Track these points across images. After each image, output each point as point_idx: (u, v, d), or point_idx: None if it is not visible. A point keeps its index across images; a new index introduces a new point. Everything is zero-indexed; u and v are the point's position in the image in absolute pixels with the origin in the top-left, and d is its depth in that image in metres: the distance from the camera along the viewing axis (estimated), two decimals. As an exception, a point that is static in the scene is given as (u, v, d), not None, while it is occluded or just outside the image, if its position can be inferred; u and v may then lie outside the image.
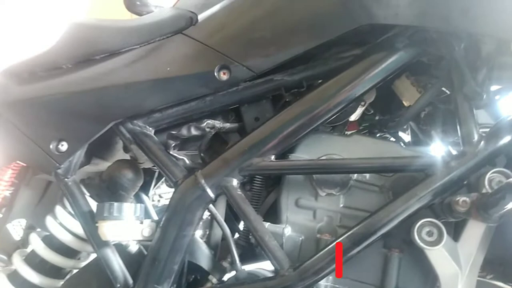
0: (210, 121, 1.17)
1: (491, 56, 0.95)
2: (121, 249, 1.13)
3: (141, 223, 1.14)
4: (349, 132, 1.32)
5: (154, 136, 1.19)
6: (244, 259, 1.15)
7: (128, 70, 1.19)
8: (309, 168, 1.07)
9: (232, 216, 1.32)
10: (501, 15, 0.86)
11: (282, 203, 1.11)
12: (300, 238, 1.07)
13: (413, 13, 0.93)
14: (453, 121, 1.27)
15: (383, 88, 1.21)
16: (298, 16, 1.07)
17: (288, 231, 1.07)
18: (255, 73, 1.09)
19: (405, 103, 1.24)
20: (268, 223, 1.08)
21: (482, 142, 0.93)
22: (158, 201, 2.30)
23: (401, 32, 1.02)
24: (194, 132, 1.18)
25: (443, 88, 1.19)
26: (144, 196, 1.53)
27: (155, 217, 1.49)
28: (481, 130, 0.97)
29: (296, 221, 1.09)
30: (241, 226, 1.32)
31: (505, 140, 0.93)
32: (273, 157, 1.07)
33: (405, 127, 1.53)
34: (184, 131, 1.18)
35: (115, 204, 1.10)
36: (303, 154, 1.12)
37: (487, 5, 0.87)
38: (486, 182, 0.91)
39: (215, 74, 1.09)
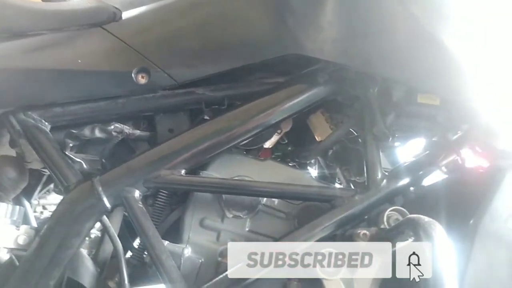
0: (118, 125, 1.08)
1: (400, 103, 1.03)
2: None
3: (18, 228, 0.98)
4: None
5: (49, 133, 1.05)
6: (134, 281, 1.04)
7: (31, 55, 1.06)
8: (220, 187, 1.02)
9: (127, 231, 1.21)
10: (412, 65, 0.94)
11: (185, 222, 1.05)
12: (200, 260, 1.01)
13: (337, 51, 0.98)
14: (357, 161, 1.36)
15: (299, 121, 1.24)
16: (229, 35, 1.06)
17: (188, 251, 1.00)
18: (176, 82, 1.04)
19: (317, 138, 1.28)
20: (167, 242, 1.00)
21: (385, 181, 0.99)
22: (41, 212, 2.03)
23: (323, 68, 1.06)
24: (98, 134, 1.07)
25: (352, 130, 1.26)
26: (25, 202, 1.33)
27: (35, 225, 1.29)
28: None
29: (198, 241, 1.03)
30: (135, 244, 1.21)
31: (404, 181, 1.00)
32: (183, 171, 1.01)
33: (313, 161, 1.59)
34: (86, 132, 1.06)
35: (-14, 202, 0.94)
36: (215, 172, 1.08)
37: (402, 55, 0.95)
38: (384, 219, 0.96)
39: (133, 76, 1.01)
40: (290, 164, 1.25)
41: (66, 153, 1.06)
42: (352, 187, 1.24)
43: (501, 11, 0.93)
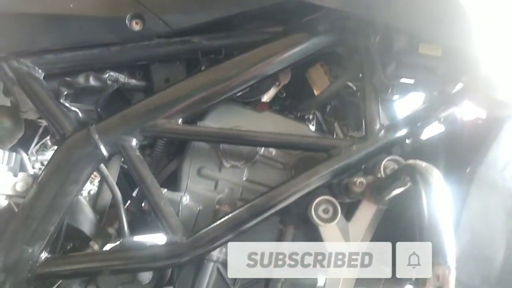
0: (113, 74, 1.05)
1: (401, 53, 1.00)
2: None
3: (15, 175, 0.98)
4: (260, 112, 1.31)
5: (43, 81, 1.03)
6: (134, 229, 1.06)
7: (23, 0, 1.02)
8: (217, 136, 1.02)
9: (126, 181, 1.22)
10: (417, 12, 0.91)
11: (183, 171, 1.05)
12: (198, 208, 1.02)
13: (339, -4, 0.95)
14: (356, 116, 1.35)
15: (298, 74, 1.22)
16: (225, -21, 1.02)
17: (186, 199, 1.01)
18: (172, 29, 1.01)
19: (316, 92, 1.26)
20: (166, 190, 1.00)
21: (383, 131, 0.98)
22: (40, 169, 2.03)
23: (324, 16, 1.03)
24: (92, 82, 1.05)
25: (351, 84, 1.24)
26: (23, 154, 1.32)
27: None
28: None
29: (196, 190, 1.04)
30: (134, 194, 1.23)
31: (402, 132, 1.00)
32: (180, 121, 1.01)
33: (311, 117, 1.58)
34: (80, 80, 1.04)
35: (-17, 149, 0.93)
36: (212, 123, 1.07)
37: (406, 1, 0.92)
38: (381, 168, 0.96)
39: (127, 22, 0.98)
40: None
41: (61, 101, 1.04)
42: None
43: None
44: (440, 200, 0.69)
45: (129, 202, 1.15)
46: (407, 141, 1.10)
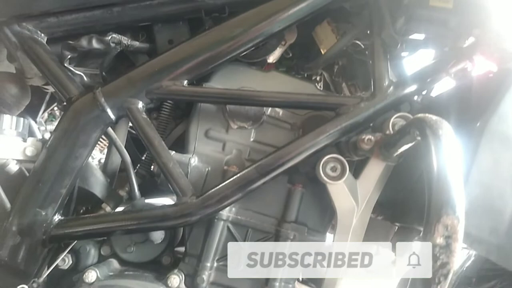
0: (116, 36, 1.03)
1: (411, 6, 0.97)
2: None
3: (24, 141, 0.99)
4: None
5: (46, 45, 1.02)
6: (144, 193, 1.07)
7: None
8: (223, 97, 1.01)
9: (134, 146, 1.23)
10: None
11: (191, 133, 1.05)
12: (207, 169, 1.02)
13: None
14: (364, 76, 1.32)
15: (304, 33, 1.19)
16: None
17: (194, 161, 1.02)
18: (174, -12, 0.98)
19: (323, 50, 1.24)
20: (174, 152, 1.01)
21: (392, 88, 0.96)
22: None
23: (330, -31, 0.99)
24: (95, 45, 1.03)
25: (359, 42, 1.21)
26: (31, 121, 1.33)
27: (41, 139, 1.30)
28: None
29: (204, 151, 1.04)
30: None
31: (411, 88, 0.98)
32: (185, 82, 0.99)
33: (318, 78, 1.56)
34: (83, 42, 1.02)
35: (-8, 114, 0.94)
36: (218, 84, 1.06)
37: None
38: (390, 125, 0.95)
39: None
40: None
41: (66, 65, 1.03)
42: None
43: None
44: (450, 153, 0.68)
45: (138, 165, 1.15)
46: (416, 98, 1.08)
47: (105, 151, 2.20)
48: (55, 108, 1.98)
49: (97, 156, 2.75)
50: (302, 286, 1.15)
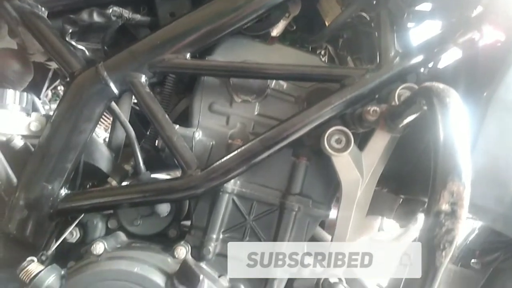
0: (117, 9, 1.02)
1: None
2: (2, 143, 0.97)
3: (28, 116, 0.99)
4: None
5: (47, 19, 1.01)
6: (149, 168, 1.07)
7: None
8: (226, 70, 1.00)
9: (138, 121, 1.22)
10: None
11: (194, 107, 1.04)
12: (211, 143, 1.02)
13: None
14: (369, 49, 1.30)
15: (308, 5, 1.17)
16: None
17: (199, 135, 1.02)
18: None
19: (328, 23, 1.22)
20: (178, 126, 1.00)
21: (398, 58, 0.95)
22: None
23: None
24: (97, 18, 1.02)
25: (364, 14, 1.19)
26: (34, 98, 1.33)
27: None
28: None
29: (208, 125, 1.03)
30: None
31: (418, 58, 0.96)
32: (188, 55, 0.98)
33: (323, 52, 1.54)
34: (84, 16, 1.01)
35: (-5, 89, 0.93)
36: (221, 57, 1.04)
37: None
38: (395, 96, 0.94)
39: None
40: (299, 49, 1.20)
41: (67, 40, 1.02)
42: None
43: None
44: (457, 121, 0.67)
45: (143, 140, 1.16)
46: (423, 70, 1.07)
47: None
48: (59, 88, 1.98)
49: (102, 135, 2.76)
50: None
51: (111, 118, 1.20)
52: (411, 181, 1.02)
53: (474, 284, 1.24)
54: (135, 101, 1.30)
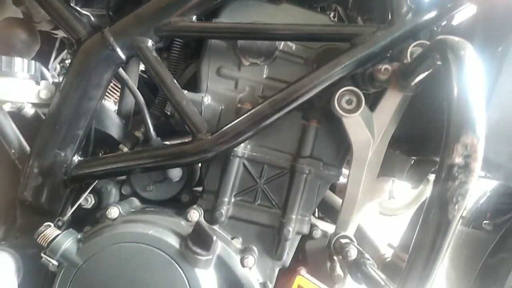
0: (121, -28, 1.00)
1: None
2: (14, 112, 0.98)
3: (38, 84, 0.99)
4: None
5: (51, -15, 0.99)
6: (159, 135, 1.08)
7: None
8: (233, 32, 0.98)
9: (147, 88, 1.22)
10: None
11: (202, 71, 1.03)
12: (220, 107, 1.01)
13: None
14: (380, 8, 1.26)
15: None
16: None
17: (207, 99, 1.01)
18: None
19: (337, -19, 1.18)
20: (186, 91, 1.00)
21: (410, 14, 0.92)
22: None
23: None
24: (101, -18, 1.00)
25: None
26: (43, 68, 1.33)
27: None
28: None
29: (216, 90, 1.03)
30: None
31: (431, 14, 0.93)
32: (194, 18, 0.96)
33: (332, 14, 1.50)
34: (88, -20, 0.99)
35: (3, 57, 0.93)
36: (227, 19, 1.02)
37: None
38: (408, 54, 0.91)
39: None
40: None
41: (72, 5, 1.01)
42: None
43: None
44: (472, 74, 0.65)
45: (152, 107, 1.15)
46: (436, 28, 1.03)
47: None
48: (67, 61, 1.97)
49: (112, 107, 2.77)
50: (319, 221, 1.18)
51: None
52: (423, 141, 1.01)
53: (486, 245, 1.24)
54: (143, 69, 1.30)
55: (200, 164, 1.10)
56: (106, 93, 1.70)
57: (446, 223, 0.61)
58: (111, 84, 1.88)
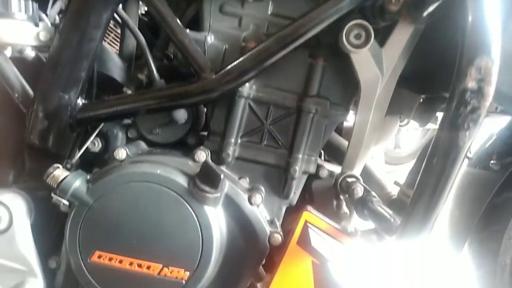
0: None
1: None
2: (14, 56, 0.96)
3: (36, 25, 0.96)
4: None
5: None
6: (162, 75, 1.06)
7: None
8: (236, -35, 0.93)
9: (148, 31, 1.19)
10: None
11: (204, 10, 0.99)
12: (224, 47, 0.98)
13: None
14: None
15: None
16: None
17: (211, 38, 0.98)
18: None
19: None
20: (189, 30, 0.97)
21: None
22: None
23: None
24: None
25: None
26: (41, 13, 1.28)
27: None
28: None
29: (220, 28, 0.99)
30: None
31: None
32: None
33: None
34: None
35: (-2, -4, 0.90)
36: (229, -48, 0.97)
37: None
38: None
39: None
40: None
41: None
42: None
43: None
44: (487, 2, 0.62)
45: (154, 49, 1.12)
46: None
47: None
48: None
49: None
50: (325, 163, 1.18)
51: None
52: (433, 78, 0.99)
53: (492, 184, 1.25)
54: (143, 12, 1.26)
55: (205, 108, 1.09)
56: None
57: (456, 151, 0.60)
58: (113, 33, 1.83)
